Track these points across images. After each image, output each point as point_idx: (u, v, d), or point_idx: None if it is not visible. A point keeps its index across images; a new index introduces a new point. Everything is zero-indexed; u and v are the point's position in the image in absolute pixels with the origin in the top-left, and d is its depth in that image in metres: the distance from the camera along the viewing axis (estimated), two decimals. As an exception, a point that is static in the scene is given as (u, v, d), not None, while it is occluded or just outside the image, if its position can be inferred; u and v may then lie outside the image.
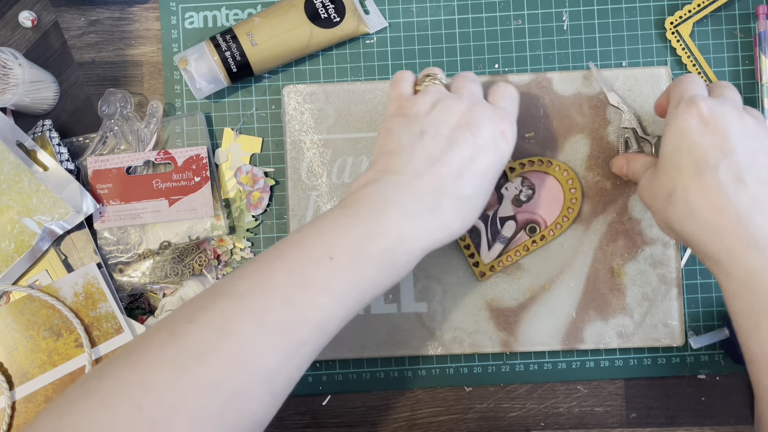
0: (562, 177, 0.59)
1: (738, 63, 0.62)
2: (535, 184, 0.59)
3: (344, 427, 0.62)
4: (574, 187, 0.59)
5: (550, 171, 0.59)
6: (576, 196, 0.59)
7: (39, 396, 0.59)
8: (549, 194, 0.59)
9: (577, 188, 0.59)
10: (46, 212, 0.60)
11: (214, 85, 0.61)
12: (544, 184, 0.59)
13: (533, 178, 0.59)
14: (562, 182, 0.59)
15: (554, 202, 0.59)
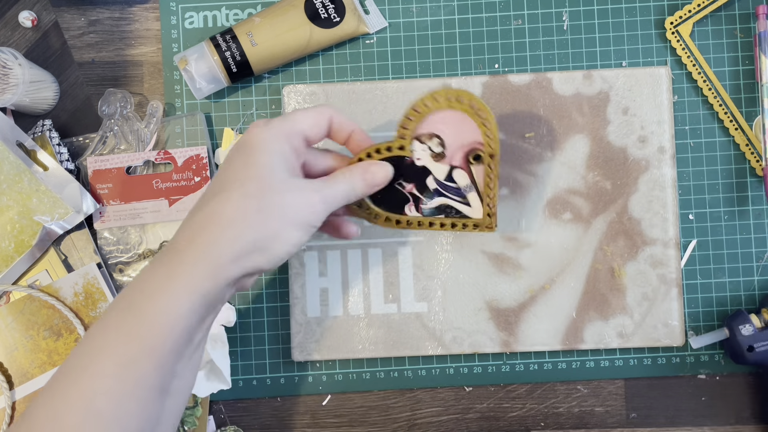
0: (444, 103, 0.49)
1: (738, 63, 0.62)
2: (432, 130, 0.50)
3: (344, 427, 0.62)
4: (472, 99, 0.49)
5: (430, 109, 0.50)
6: (479, 106, 0.49)
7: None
8: (453, 123, 0.50)
9: (474, 100, 0.49)
10: (46, 212, 0.60)
11: (214, 85, 0.61)
12: (440, 123, 0.50)
13: (425, 130, 0.50)
14: (456, 109, 0.50)
15: (463, 122, 0.50)
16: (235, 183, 0.45)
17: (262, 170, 0.45)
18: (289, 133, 0.47)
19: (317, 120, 0.48)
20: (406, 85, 0.61)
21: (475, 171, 0.52)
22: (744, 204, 0.62)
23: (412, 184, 0.52)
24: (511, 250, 0.60)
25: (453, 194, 0.52)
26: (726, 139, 0.62)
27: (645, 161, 0.60)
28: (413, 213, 0.52)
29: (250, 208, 0.44)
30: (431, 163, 0.51)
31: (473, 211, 0.53)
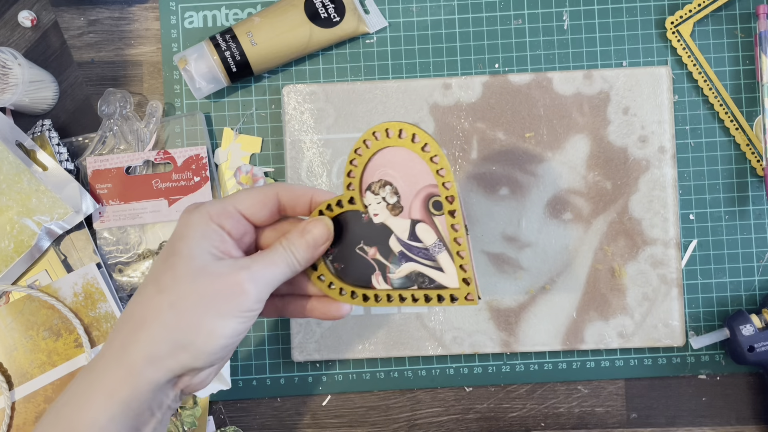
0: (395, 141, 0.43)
1: (739, 63, 0.62)
2: (382, 177, 0.44)
3: (344, 427, 0.62)
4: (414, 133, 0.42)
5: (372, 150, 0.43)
6: (424, 140, 0.42)
7: (39, 396, 0.59)
8: (402, 164, 0.43)
9: (418, 133, 0.42)
10: (45, 212, 0.60)
11: (213, 84, 0.61)
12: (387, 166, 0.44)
13: (374, 178, 0.44)
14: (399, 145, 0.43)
15: (413, 162, 0.43)
16: (151, 278, 0.42)
17: (178, 259, 0.41)
18: (220, 214, 0.42)
19: (259, 198, 0.44)
20: (406, 84, 0.61)
21: (439, 223, 0.43)
22: (745, 204, 0.62)
23: (375, 247, 0.45)
24: (512, 250, 0.60)
25: (421, 257, 0.44)
26: (726, 139, 0.62)
27: (645, 161, 0.60)
28: (382, 285, 0.45)
29: (162, 305, 0.40)
30: (390, 219, 0.44)
31: (447, 278, 0.44)
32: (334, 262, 0.46)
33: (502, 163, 0.60)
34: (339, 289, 0.45)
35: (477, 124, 0.61)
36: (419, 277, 0.44)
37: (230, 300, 0.41)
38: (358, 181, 0.44)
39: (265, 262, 0.42)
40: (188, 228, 0.42)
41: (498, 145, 0.61)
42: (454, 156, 0.61)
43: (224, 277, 0.41)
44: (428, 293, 0.44)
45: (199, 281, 0.41)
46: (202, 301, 0.40)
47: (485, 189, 0.60)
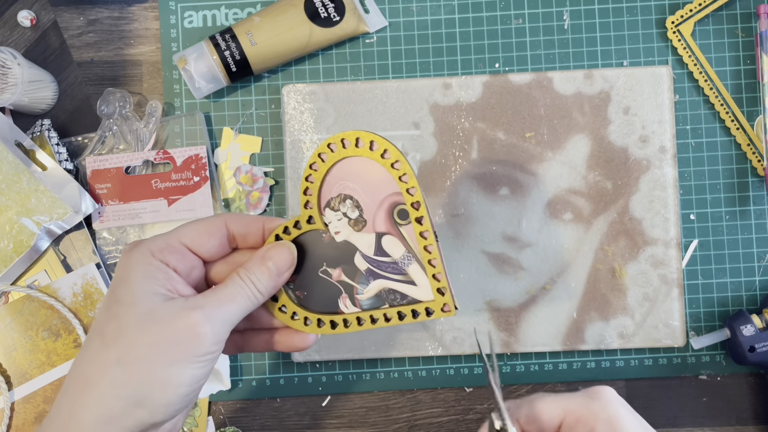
0: (352, 151, 0.41)
1: (739, 62, 0.62)
2: (340, 191, 0.41)
3: (344, 428, 0.62)
4: (372, 140, 0.40)
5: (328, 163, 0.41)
6: (383, 146, 0.40)
7: (38, 396, 0.59)
8: (360, 175, 0.41)
9: (376, 140, 0.40)
10: (44, 212, 0.60)
11: (213, 84, 0.61)
12: (345, 179, 0.41)
13: (332, 194, 0.41)
14: (357, 155, 0.41)
15: (372, 171, 0.41)
16: (95, 330, 0.38)
17: (121, 307, 0.37)
18: (162, 249, 0.39)
19: (205, 229, 0.40)
20: (406, 84, 0.61)
21: (406, 233, 0.41)
22: (745, 204, 0.62)
23: (339, 268, 0.42)
24: (512, 251, 0.60)
25: (390, 272, 0.41)
26: (727, 139, 0.62)
27: (646, 161, 0.60)
28: (350, 309, 0.42)
29: (108, 360, 0.36)
30: (353, 235, 0.41)
31: (420, 291, 0.41)
32: (295, 290, 0.43)
33: (502, 163, 0.60)
34: (303, 318, 0.42)
35: (477, 123, 0.61)
36: (390, 294, 0.41)
37: (184, 346, 0.37)
38: (315, 198, 0.41)
39: (221, 297, 0.39)
40: (129, 269, 0.38)
41: (498, 145, 0.60)
42: (454, 156, 0.61)
43: (175, 320, 0.37)
44: (401, 310, 0.41)
45: (146, 329, 0.37)
46: (152, 352, 0.36)
47: (485, 189, 0.60)
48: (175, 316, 0.37)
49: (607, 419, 0.40)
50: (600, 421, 0.40)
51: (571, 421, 0.40)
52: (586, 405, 0.40)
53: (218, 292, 0.39)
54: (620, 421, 0.40)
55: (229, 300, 0.39)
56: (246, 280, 0.40)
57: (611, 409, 0.40)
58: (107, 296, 0.39)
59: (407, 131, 0.61)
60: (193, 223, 0.41)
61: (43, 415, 0.58)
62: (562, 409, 0.40)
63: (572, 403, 0.40)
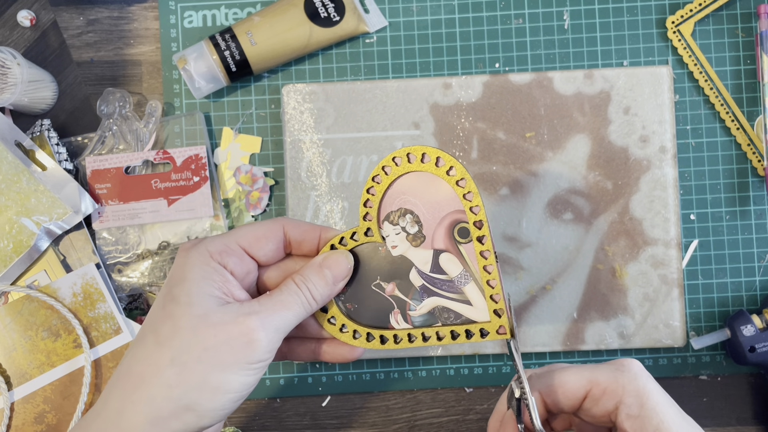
0: (417, 166, 0.40)
1: (739, 62, 0.62)
2: (401, 205, 0.41)
3: (344, 428, 0.62)
4: (438, 156, 0.40)
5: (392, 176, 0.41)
6: (449, 163, 0.40)
7: (38, 397, 0.59)
8: (423, 190, 0.40)
9: (443, 156, 0.40)
10: (44, 212, 0.60)
11: (213, 84, 0.61)
12: (407, 193, 0.41)
13: (393, 207, 0.41)
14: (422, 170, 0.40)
15: (435, 186, 0.40)
16: (149, 327, 0.38)
17: (177, 306, 0.37)
18: (221, 251, 0.39)
19: (264, 233, 0.40)
20: (406, 84, 0.61)
21: (465, 251, 0.40)
22: (746, 204, 0.62)
23: (393, 283, 0.41)
24: (512, 251, 0.60)
25: (445, 290, 0.41)
26: (727, 139, 0.62)
27: (646, 161, 0.60)
28: (401, 324, 0.41)
29: (162, 360, 0.36)
30: (411, 250, 0.41)
31: (476, 311, 0.40)
32: (346, 302, 0.42)
33: (502, 163, 0.60)
34: (353, 332, 0.42)
35: (477, 123, 0.61)
36: (443, 313, 0.41)
37: (238, 351, 0.36)
38: (375, 210, 0.41)
39: (276, 304, 0.38)
40: (186, 269, 0.38)
41: (498, 144, 0.60)
42: (454, 156, 0.60)
43: (230, 325, 0.37)
44: (455, 329, 0.40)
45: (201, 332, 0.36)
46: (205, 355, 0.36)
47: (485, 189, 0.60)
48: (230, 321, 0.37)
49: (635, 392, 0.39)
50: (628, 393, 0.39)
51: (597, 392, 0.39)
52: (613, 377, 0.39)
53: (273, 298, 0.38)
54: (649, 394, 0.39)
55: (284, 307, 0.38)
56: (302, 287, 0.39)
57: (640, 381, 0.39)
58: (163, 294, 0.38)
59: (407, 131, 0.61)
60: (251, 226, 0.40)
61: (43, 415, 0.58)
62: (588, 381, 0.39)
63: (598, 375, 0.39)
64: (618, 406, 0.39)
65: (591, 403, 0.40)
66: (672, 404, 0.39)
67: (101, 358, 0.59)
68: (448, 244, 0.40)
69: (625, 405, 0.39)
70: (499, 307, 0.40)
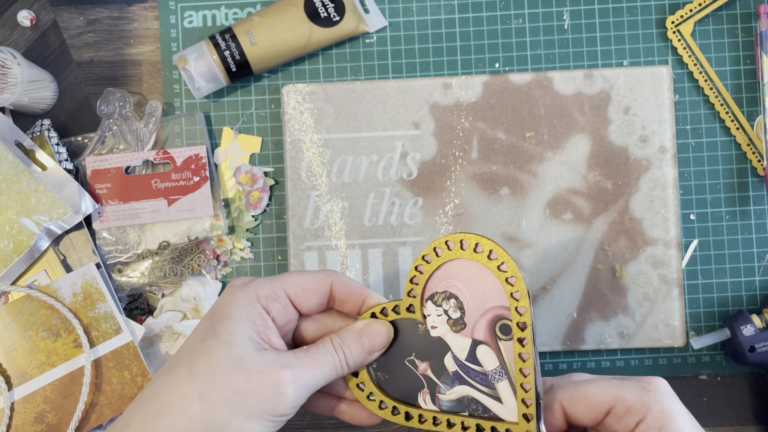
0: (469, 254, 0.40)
1: (739, 62, 0.62)
2: (447, 288, 0.41)
3: (344, 428, 0.62)
4: (492, 248, 0.40)
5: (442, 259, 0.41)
6: (502, 258, 0.40)
7: (38, 396, 0.59)
8: (471, 279, 0.40)
9: (496, 249, 0.40)
10: (44, 212, 0.60)
11: (213, 84, 0.61)
12: (455, 278, 0.41)
13: (438, 288, 0.41)
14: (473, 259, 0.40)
15: (484, 278, 0.40)
16: (185, 357, 0.38)
17: (217, 343, 0.37)
18: (269, 296, 0.39)
19: (312, 285, 0.40)
20: (406, 84, 0.61)
21: (504, 348, 0.40)
22: (745, 204, 0.62)
23: (427, 363, 0.41)
24: (512, 250, 0.60)
25: (478, 382, 0.40)
26: (727, 139, 0.62)
27: (646, 161, 0.60)
28: (428, 405, 0.41)
29: (191, 393, 0.36)
30: (449, 334, 0.41)
31: (505, 410, 0.40)
32: (377, 370, 0.42)
33: (502, 163, 0.60)
34: (379, 402, 0.42)
35: (477, 123, 0.61)
36: (472, 403, 0.40)
37: (265, 401, 0.36)
38: (421, 289, 0.41)
39: (311, 362, 0.38)
40: (233, 308, 0.38)
41: (498, 144, 0.60)
42: (454, 156, 0.60)
43: (263, 374, 0.37)
44: (481, 423, 0.40)
45: (235, 374, 0.36)
46: (234, 399, 0.36)
47: (485, 189, 0.60)
48: (264, 370, 0.37)
49: (660, 412, 0.38)
50: (652, 414, 0.38)
51: (621, 410, 0.39)
52: (639, 396, 0.39)
53: (309, 355, 0.39)
54: (672, 416, 0.38)
55: (317, 366, 0.38)
56: (338, 350, 0.40)
57: (666, 402, 0.39)
58: (204, 327, 0.38)
59: (407, 131, 0.61)
60: (300, 275, 0.40)
61: (43, 414, 0.58)
62: (613, 397, 0.39)
63: (625, 392, 0.39)
64: (638, 424, 0.38)
65: (613, 419, 0.39)
66: (695, 427, 0.39)
67: (101, 358, 0.59)
68: (488, 337, 0.40)
69: (645, 424, 0.38)
70: (530, 412, 0.39)
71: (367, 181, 0.61)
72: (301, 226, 0.61)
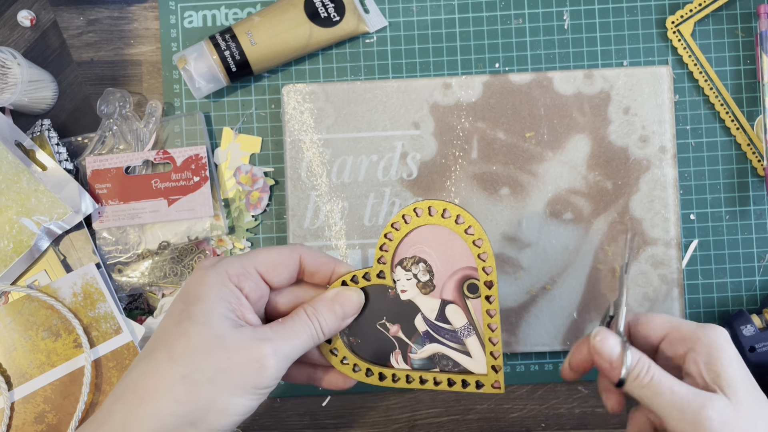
0: (426, 218, 0.42)
1: (739, 62, 0.62)
2: (416, 253, 0.42)
3: (344, 428, 0.62)
4: (459, 213, 0.42)
5: (411, 226, 0.42)
6: (469, 222, 0.41)
7: (38, 396, 0.59)
8: (439, 243, 0.42)
9: (463, 214, 0.41)
10: (44, 212, 0.60)
11: (213, 84, 0.61)
12: (423, 243, 0.42)
13: (407, 254, 0.42)
14: (441, 224, 0.42)
15: (451, 241, 0.42)
16: (162, 342, 0.38)
17: (193, 325, 0.38)
18: (239, 274, 0.40)
19: (282, 260, 0.41)
20: (406, 84, 0.61)
21: (472, 306, 0.42)
22: (745, 204, 0.62)
23: (398, 325, 0.43)
24: (512, 250, 0.60)
25: (448, 339, 0.42)
26: (727, 139, 0.62)
27: (646, 161, 0.60)
28: (401, 365, 0.43)
29: (173, 376, 0.37)
30: (419, 297, 0.42)
31: (474, 363, 0.42)
32: (350, 336, 0.43)
33: (502, 163, 0.60)
34: (353, 365, 0.43)
35: (477, 123, 0.61)
36: (443, 360, 0.42)
37: (248, 376, 0.37)
38: (390, 255, 0.42)
39: (288, 333, 0.39)
40: (205, 289, 0.39)
41: (498, 144, 0.60)
42: (454, 156, 0.60)
43: (244, 349, 0.37)
44: (452, 377, 0.42)
45: (216, 353, 0.37)
46: (218, 377, 0.37)
47: (485, 189, 0.60)
48: (244, 346, 0.38)
49: (709, 343, 0.40)
50: (701, 342, 0.40)
51: (675, 337, 0.41)
52: (693, 328, 0.41)
53: (285, 327, 0.39)
54: (721, 348, 0.40)
55: (294, 336, 0.39)
56: (313, 319, 0.41)
57: (718, 338, 0.40)
58: (177, 310, 0.39)
59: (407, 131, 0.61)
60: (268, 251, 0.41)
61: (43, 414, 0.58)
62: (670, 325, 0.42)
63: (683, 324, 0.41)
64: (688, 351, 0.40)
65: (667, 344, 0.41)
66: (742, 366, 0.40)
67: (101, 358, 0.59)
68: (456, 296, 0.42)
69: (694, 351, 0.40)
70: (498, 363, 0.42)
71: (367, 181, 0.61)
72: (301, 226, 0.61)
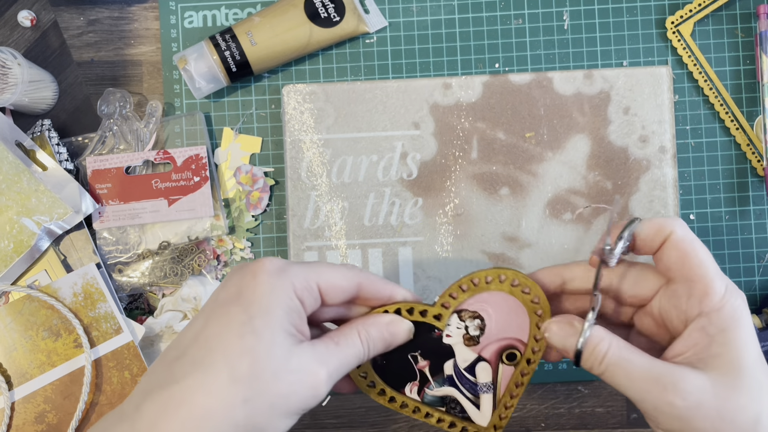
0: (506, 288, 0.43)
1: (739, 62, 0.62)
2: (478, 309, 0.44)
3: (344, 428, 0.62)
4: (526, 285, 0.43)
5: (489, 288, 0.44)
6: (535, 292, 0.43)
7: (38, 396, 0.59)
8: (503, 309, 0.44)
9: (531, 286, 0.43)
10: (45, 212, 0.60)
11: (213, 84, 0.61)
12: (489, 303, 0.44)
13: (470, 306, 0.44)
14: (511, 293, 0.43)
15: (515, 313, 0.43)
16: (222, 355, 0.36)
17: (260, 343, 0.36)
18: (303, 288, 0.38)
19: (342, 283, 0.40)
20: (406, 84, 0.61)
21: (502, 372, 0.44)
22: (745, 204, 0.62)
23: (428, 361, 0.44)
24: (512, 250, 0.60)
25: (466, 389, 0.44)
26: (727, 139, 0.62)
27: (646, 161, 0.60)
28: (413, 395, 0.44)
29: (234, 399, 0.35)
30: (459, 345, 0.44)
31: (480, 416, 0.44)
32: (380, 354, 0.44)
33: (502, 163, 0.60)
34: (371, 381, 0.44)
35: (477, 123, 0.61)
36: (452, 402, 0.44)
37: (303, 401, 0.37)
38: (455, 304, 0.43)
39: (342, 356, 0.38)
40: (272, 299, 0.37)
41: (498, 144, 0.60)
42: (454, 156, 0.61)
43: (304, 374, 0.36)
44: (454, 421, 0.44)
45: (281, 379, 0.36)
46: (277, 401, 0.36)
47: (485, 189, 0.60)
48: (305, 371, 0.37)
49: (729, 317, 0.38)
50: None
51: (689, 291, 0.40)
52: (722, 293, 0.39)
53: (340, 349, 0.39)
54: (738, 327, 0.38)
55: (346, 359, 0.39)
56: (365, 344, 0.40)
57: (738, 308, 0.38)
58: (239, 320, 0.36)
59: (407, 131, 0.61)
60: (331, 269, 0.40)
61: (43, 414, 0.58)
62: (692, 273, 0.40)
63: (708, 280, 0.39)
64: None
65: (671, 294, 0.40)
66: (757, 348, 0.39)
67: (102, 358, 0.59)
68: (493, 358, 0.44)
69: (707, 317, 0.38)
70: (501, 425, 0.44)
71: (367, 181, 0.61)
72: (301, 226, 0.61)
